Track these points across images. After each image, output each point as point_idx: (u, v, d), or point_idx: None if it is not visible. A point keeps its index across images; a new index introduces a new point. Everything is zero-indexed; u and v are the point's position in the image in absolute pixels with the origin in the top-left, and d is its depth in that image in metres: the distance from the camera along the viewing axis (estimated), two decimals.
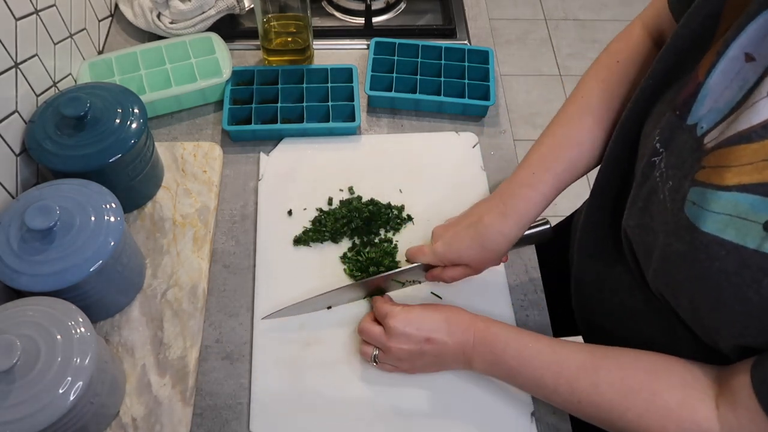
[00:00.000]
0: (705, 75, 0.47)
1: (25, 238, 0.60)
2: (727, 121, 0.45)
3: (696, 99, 0.47)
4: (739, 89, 0.44)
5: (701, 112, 0.47)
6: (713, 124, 0.46)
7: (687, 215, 0.45)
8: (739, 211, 0.42)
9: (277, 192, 0.81)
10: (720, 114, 0.46)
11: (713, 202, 0.43)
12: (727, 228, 0.43)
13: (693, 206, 0.45)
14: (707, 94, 0.46)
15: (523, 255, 0.78)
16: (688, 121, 0.48)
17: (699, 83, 0.47)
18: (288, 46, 0.90)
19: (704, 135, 0.46)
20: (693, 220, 0.45)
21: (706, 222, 0.44)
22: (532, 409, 0.66)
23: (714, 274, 0.44)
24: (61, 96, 0.72)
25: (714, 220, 0.43)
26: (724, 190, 0.43)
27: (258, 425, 0.64)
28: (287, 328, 0.71)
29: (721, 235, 0.43)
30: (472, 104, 0.88)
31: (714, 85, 0.46)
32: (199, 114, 0.89)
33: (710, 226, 0.44)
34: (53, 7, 0.78)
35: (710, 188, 0.44)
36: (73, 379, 0.53)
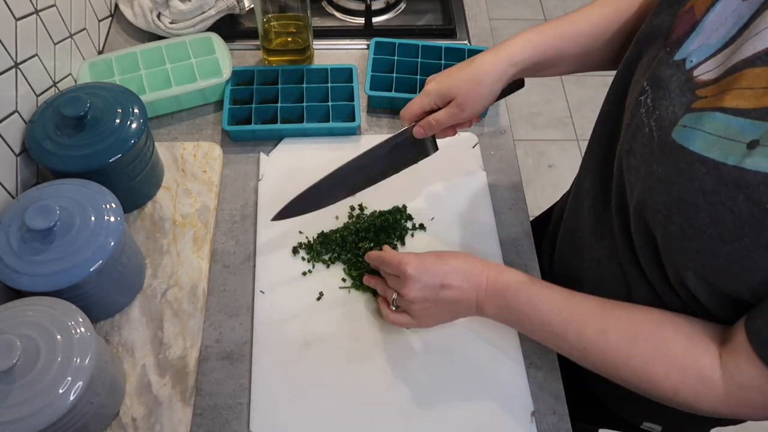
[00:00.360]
0: (702, 14, 0.48)
1: (25, 238, 0.60)
2: (722, 53, 0.46)
3: (689, 37, 0.49)
4: (733, 25, 0.45)
5: (691, 48, 0.49)
6: (703, 59, 0.47)
7: (674, 138, 0.47)
8: (728, 133, 0.43)
9: (277, 192, 0.81)
10: (711, 49, 0.47)
11: (708, 123, 0.45)
12: (712, 147, 0.44)
13: (683, 129, 0.46)
14: (701, 32, 0.48)
15: (523, 255, 0.78)
16: (675, 57, 0.50)
17: (695, 22, 0.49)
18: (288, 46, 0.90)
19: (693, 68, 0.48)
20: (680, 141, 0.46)
21: (695, 141, 0.45)
22: (532, 409, 0.66)
23: (692, 195, 0.45)
24: (61, 96, 0.72)
25: (703, 139, 0.45)
26: (720, 111, 0.44)
27: (258, 425, 0.64)
28: (287, 328, 0.71)
29: (705, 153, 0.44)
30: None
31: (709, 23, 0.48)
32: (199, 114, 0.89)
33: (697, 145, 0.45)
34: (53, 7, 0.78)
35: (707, 110, 0.45)
36: (73, 379, 0.53)
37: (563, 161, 2.06)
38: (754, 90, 0.42)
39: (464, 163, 0.85)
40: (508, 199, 0.82)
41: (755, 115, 0.42)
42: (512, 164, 0.86)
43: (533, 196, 1.84)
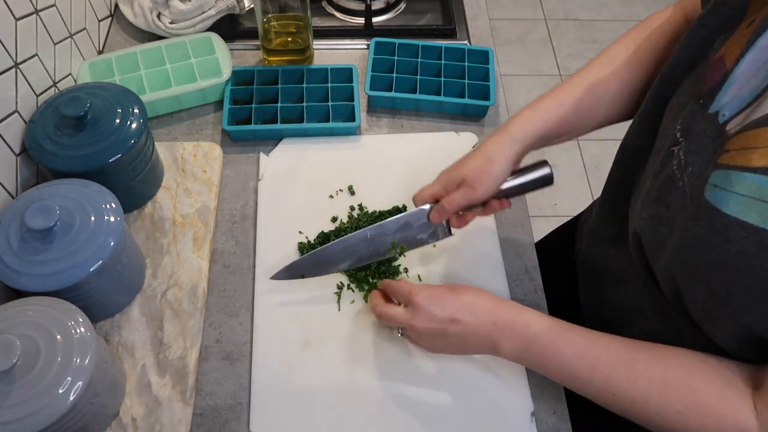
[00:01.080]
0: (733, 64, 0.47)
1: (25, 238, 0.60)
2: (751, 107, 0.45)
3: (721, 88, 0.47)
4: (765, 78, 0.44)
5: (724, 101, 0.47)
6: (735, 112, 0.46)
7: (707, 199, 0.45)
8: (762, 194, 0.42)
9: (277, 192, 0.81)
10: (743, 102, 0.46)
11: (737, 183, 0.43)
12: (749, 211, 0.43)
13: (714, 189, 0.45)
14: (733, 83, 0.47)
15: (523, 255, 0.78)
16: (709, 110, 0.48)
17: (726, 72, 0.47)
18: (288, 46, 0.90)
19: (726, 123, 0.46)
20: (714, 203, 0.45)
21: (728, 204, 0.44)
22: (532, 409, 0.66)
23: (732, 257, 0.44)
24: (61, 96, 0.72)
25: (736, 202, 0.43)
26: (750, 171, 0.43)
27: (258, 425, 0.64)
28: (287, 328, 0.71)
29: (743, 218, 0.43)
30: (472, 104, 0.88)
31: (741, 74, 0.46)
32: (199, 114, 0.89)
33: (732, 208, 0.43)
34: (53, 7, 0.78)
35: (735, 170, 0.44)
36: (73, 379, 0.53)
37: (563, 161, 2.06)
38: None
39: None
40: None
41: None
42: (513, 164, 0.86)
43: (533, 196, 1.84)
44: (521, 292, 0.75)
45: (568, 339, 0.57)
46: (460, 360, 0.69)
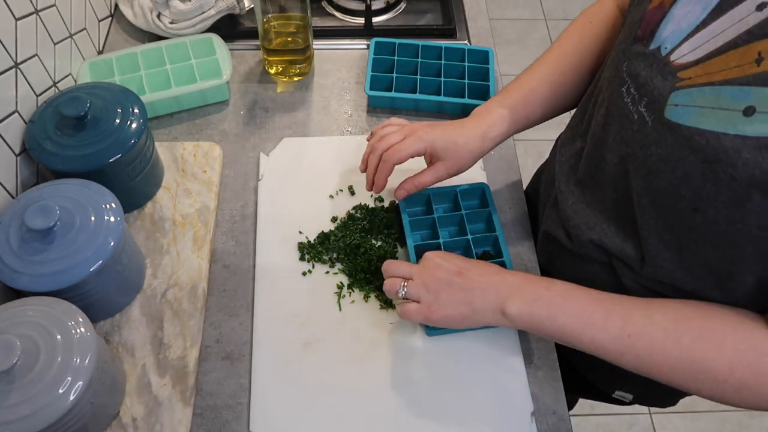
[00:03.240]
0: (670, 4, 0.51)
1: (25, 238, 0.60)
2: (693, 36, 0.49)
3: (659, 26, 0.52)
4: (702, 10, 0.48)
5: (664, 35, 0.51)
6: (677, 44, 0.50)
7: (668, 118, 0.49)
8: (719, 103, 0.45)
9: (277, 192, 0.81)
10: (683, 33, 0.50)
11: (698, 97, 0.47)
12: (707, 119, 0.46)
13: (675, 108, 0.49)
14: (671, 20, 0.51)
15: (524, 255, 0.78)
16: (650, 47, 0.52)
17: (664, 12, 0.51)
18: (288, 46, 0.90)
19: (669, 54, 0.50)
20: (675, 119, 0.48)
21: (689, 117, 0.47)
22: (532, 409, 0.66)
23: (697, 166, 0.47)
24: (61, 96, 0.72)
25: (696, 113, 0.47)
26: (710, 85, 0.46)
27: (258, 425, 0.64)
28: (287, 328, 0.71)
29: (702, 126, 0.46)
30: (472, 104, 0.88)
31: (677, 11, 0.50)
32: (199, 114, 0.89)
33: (692, 119, 0.47)
34: (53, 7, 0.78)
35: (696, 86, 0.47)
36: (73, 379, 0.53)
37: None
38: (740, 66, 0.45)
39: None
40: (508, 199, 0.83)
41: (742, 82, 0.44)
42: (512, 164, 0.86)
43: None
44: None
45: (580, 289, 0.59)
46: (461, 360, 0.69)
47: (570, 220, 0.66)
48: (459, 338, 0.70)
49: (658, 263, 0.57)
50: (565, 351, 0.72)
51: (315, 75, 0.95)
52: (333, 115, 0.90)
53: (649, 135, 0.51)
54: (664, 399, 0.83)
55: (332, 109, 0.91)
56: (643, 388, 0.79)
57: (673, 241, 0.54)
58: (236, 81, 0.93)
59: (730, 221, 0.47)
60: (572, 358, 0.77)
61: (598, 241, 0.63)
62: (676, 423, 1.62)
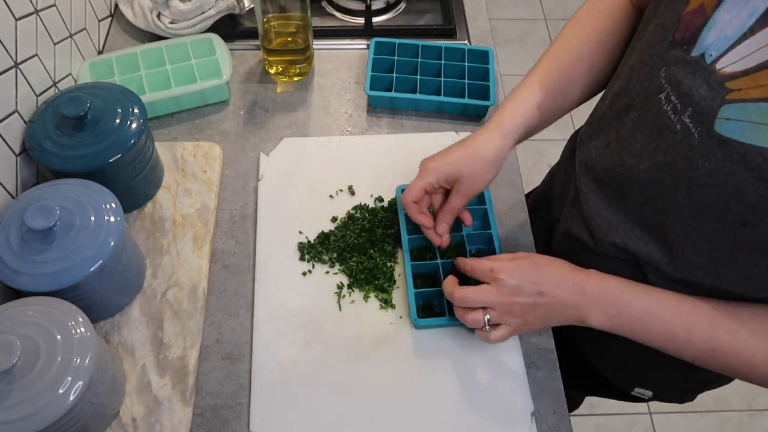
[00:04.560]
0: (712, 8, 0.49)
1: (25, 238, 0.60)
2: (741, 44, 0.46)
3: (701, 32, 0.49)
4: (749, 16, 0.46)
5: (707, 42, 0.49)
6: (723, 51, 0.48)
7: (719, 132, 0.47)
8: None
9: (277, 192, 0.81)
10: (727, 42, 0.47)
11: (754, 113, 0.45)
12: (764, 136, 0.44)
13: (726, 122, 0.47)
14: (713, 25, 0.48)
15: None
16: (692, 53, 0.50)
17: (706, 17, 0.49)
18: (288, 46, 0.90)
19: (715, 62, 0.48)
20: (727, 134, 0.46)
21: (743, 133, 0.45)
22: (532, 409, 0.66)
23: (752, 183, 0.46)
24: (61, 96, 0.72)
25: (752, 129, 0.45)
26: (765, 101, 0.44)
27: (258, 425, 0.64)
28: (287, 328, 0.71)
29: (758, 144, 0.44)
30: (472, 104, 0.88)
31: (721, 16, 0.48)
32: (199, 114, 0.89)
33: (748, 136, 0.45)
34: (53, 7, 0.78)
35: (751, 101, 0.45)
36: (73, 379, 0.53)
37: None
38: None
39: None
40: (508, 199, 0.83)
41: None
42: (512, 164, 0.86)
43: None
44: None
45: (662, 301, 0.58)
46: (461, 360, 0.69)
47: (592, 221, 0.65)
48: (459, 338, 0.70)
49: (691, 270, 0.56)
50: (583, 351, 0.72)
51: (315, 75, 0.95)
52: (333, 115, 0.90)
53: (695, 147, 0.50)
54: (684, 395, 0.81)
55: (332, 109, 0.91)
56: (663, 385, 0.78)
57: (712, 252, 0.53)
58: (236, 81, 0.93)
59: None
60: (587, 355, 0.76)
61: (622, 243, 0.62)
62: (676, 423, 1.62)
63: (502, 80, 0.95)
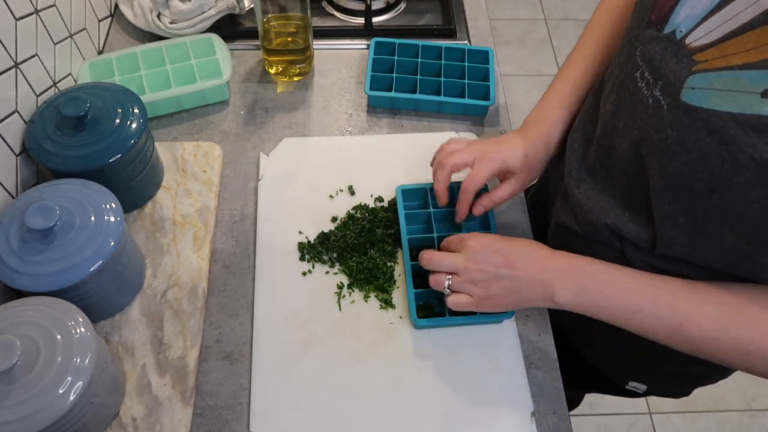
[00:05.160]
0: None
1: (25, 238, 0.60)
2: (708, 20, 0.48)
3: (674, 10, 0.52)
4: None
5: (678, 20, 0.51)
6: (692, 27, 0.50)
7: (685, 101, 0.49)
8: (738, 86, 0.45)
9: (277, 192, 0.81)
10: (695, 19, 0.49)
11: (716, 80, 0.47)
12: (725, 101, 0.46)
13: (692, 91, 0.48)
14: (684, 3, 0.51)
15: None
16: (665, 31, 0.52)
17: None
18: (288, 46, 0.90)
19: (684, 37, 0.50)
20: (692, 102, 0.48)
21: (706, 99, 0.47)
22: (532, 409, 0.66)
23: (714, 147, 0.47)
24: (61, 96, 0.72)
25: (714, 95, 0.46)
26: (728, 69, 0.46)
27: (258, 425, 0.64)
28: (287, 328, 0.71)
29: (719, 108, 0.46)
30: (472, 104, 0.88)
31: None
32: (199, 114, 0.89)
33: (709, 101, 0.47)
34: (53, 7, 0.78)
35: (714, 70, 0.47)
36: (73, 379, 0.53)
37: None
38: (758, 48, 0.44)
39: None
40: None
41: (762, 65, 0.44)
42: None
43: None
44: None
45: (627, 273, 0.58)
46: (461, 360, 0.69)
47: (583, 206, 0.66)
48: (459, 338, 0.70)
49: (670, 246, 0.57)
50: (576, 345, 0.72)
51: (315, 75, 0.95)
52: (333, 115, 0.90)
53: (664, 118, 0.51)
54: (678, 390, 0.82)
55: (332, 109, 0.91)
56: (656, 379, 0.78)
57: (687, 225, 0.54)
58: (236, 81, 0.93)
59: (747, 202, 0.47)
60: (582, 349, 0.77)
61: (614, 226, 0.63)
62: (676, 423, 1.62)
63: (502, 80, 0.95)
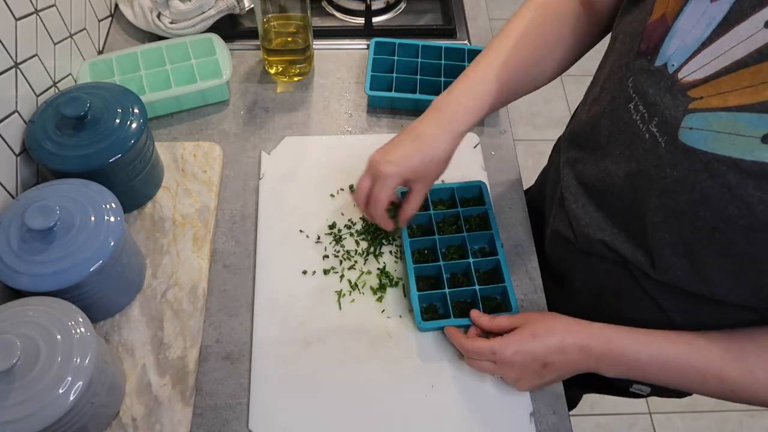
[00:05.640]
0: (673, 19, 0.50)
1: (25, 238, 0.60)
2: (700, 53, 0.48)
3: (663, 42, 0.51)
4: (707, 27, 0.47)
5: (669, 52, 0.51)
6: (683, 61, 0.49)
7: (683, 141, 0.49)
8: (737, 129, 0.45)
9: (277, 191, 0.81)
10: (688, 51, 0.49)
11: (714, 122, 0.46)
12: (725, 145, 0.46)
13: (690, 131, 0.48)
14: (674, 35, 0.50)
15: (524, 256, 0.78)
16: (656, 63, 0.52)
17: (667, 27, 0.50)
18: (288, 46, 0.90)
19: (676, 71, 0.50)
20: (691, 143, 0.48)
21: (705, 142, 0.47)
22: (532, 409, 0.66)
23: (717, 190, 0.47)
24: (61, 96, 0.72)
25: (713, 138, 0.46)
26: (725, 110, 0.46)
27: (258, 425, 0.64)
28: (287, 327, 0.71)
29: (720, 152, 0.46)
30: None
31: (681, 26, 0.49)
32: (199, 114, 0.89)
33: (710, 145, 0.47)
34: (53, 7, 0.78)
35: (711, 111, 0.47)
36: (73, 379, 0.53)
37: None
38: (754, 87, 0.44)
39: (465, 163, 0.85)
40: (508, 199, 0.83)
41: (760, 109, 0.43)
42: (512, 164, 0.86)
43: None
44: (521, 292, 0.75)
45: (668, 351, 0.57)
46: (460, 359, 0.69)
47: (580, 221, 0.66)
48: None
49: (671, 272, 0.57)
50: None
51: (315, 75, 0.95)
52: (333, 115, 0.90)
53: (662, 156, 0.51)
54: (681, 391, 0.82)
55: (332, 109, 0.91)
56: None
57: (688, 254, 0.54)
58: (236, 81, 0.93)
59: (750, 242, 0.47)
60: None
61: (610, 243, 0.62)
62: (676, 423, 1.62)
63: None
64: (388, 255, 0.76)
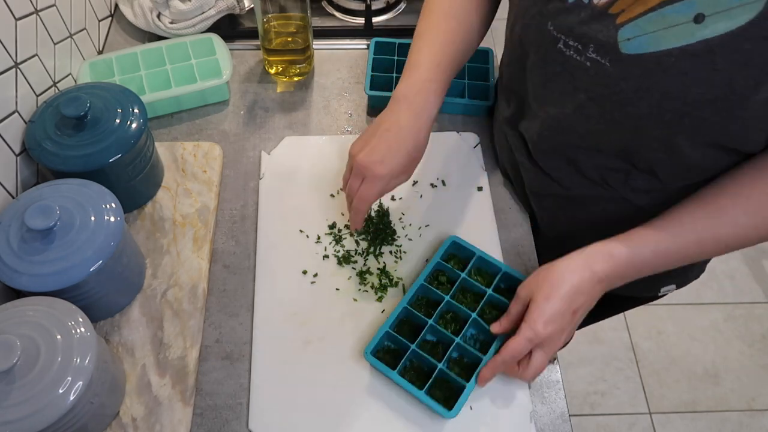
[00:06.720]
0: None
1: (25, 238, 0.60)
2: None
3: None
4: None
5: None
6: None
7: (627, 53, 0.51)
8: (669, 22, 0.48)
9: (278, 191, 0.81)
10: None
11: (646, 25, 0.50)
12: (664, 39, 0.49)
13: (628, 42, 0.51)
14: None
15: (523, 255, 0.78)
16: (569, 1, 0.55)
17: None
18: (288, 46, 0.90)
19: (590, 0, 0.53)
20: (635, 51, 0.51)
21: (648, 45, 0.50)
22: (531, 409, 0.66)
23: (675, 78, 0.50)
24: (61, 96, 0.72)
25: (653, 38, 0.49)
26: (651, 11, 0.49)
27: (257, 425, 0.64)
28: (287, 327, 0.71)
29: (665, 47, 0.49)
30: (472, 104, 0.88)
31: None
32: (199, 114, 0.89)
33: (652, 45, 0.50)
34: (53, 7, 0.78)
35: (638, 17, 0.50)
36: (73, 379, 0.53)
37: None
38: None
39: (466, 163, 0.85)
40: (508, 199, 0.83)
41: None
42: None
43: None
44: None
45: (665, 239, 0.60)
46: None
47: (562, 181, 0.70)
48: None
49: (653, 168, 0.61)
50: None
51: (315, 75, 0.95)
52: (333, 115, 0.90)
53: (611, 74, 0.54)
54: (697, 271, 0.87)
55: (332, 109, 0.91)
56: (682, 274, 0.83)
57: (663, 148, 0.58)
58: (236, 81, 0.93)
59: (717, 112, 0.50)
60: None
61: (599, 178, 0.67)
62: (676, 423, 1.62)
63: None
64: (388, 255, 0.76)
